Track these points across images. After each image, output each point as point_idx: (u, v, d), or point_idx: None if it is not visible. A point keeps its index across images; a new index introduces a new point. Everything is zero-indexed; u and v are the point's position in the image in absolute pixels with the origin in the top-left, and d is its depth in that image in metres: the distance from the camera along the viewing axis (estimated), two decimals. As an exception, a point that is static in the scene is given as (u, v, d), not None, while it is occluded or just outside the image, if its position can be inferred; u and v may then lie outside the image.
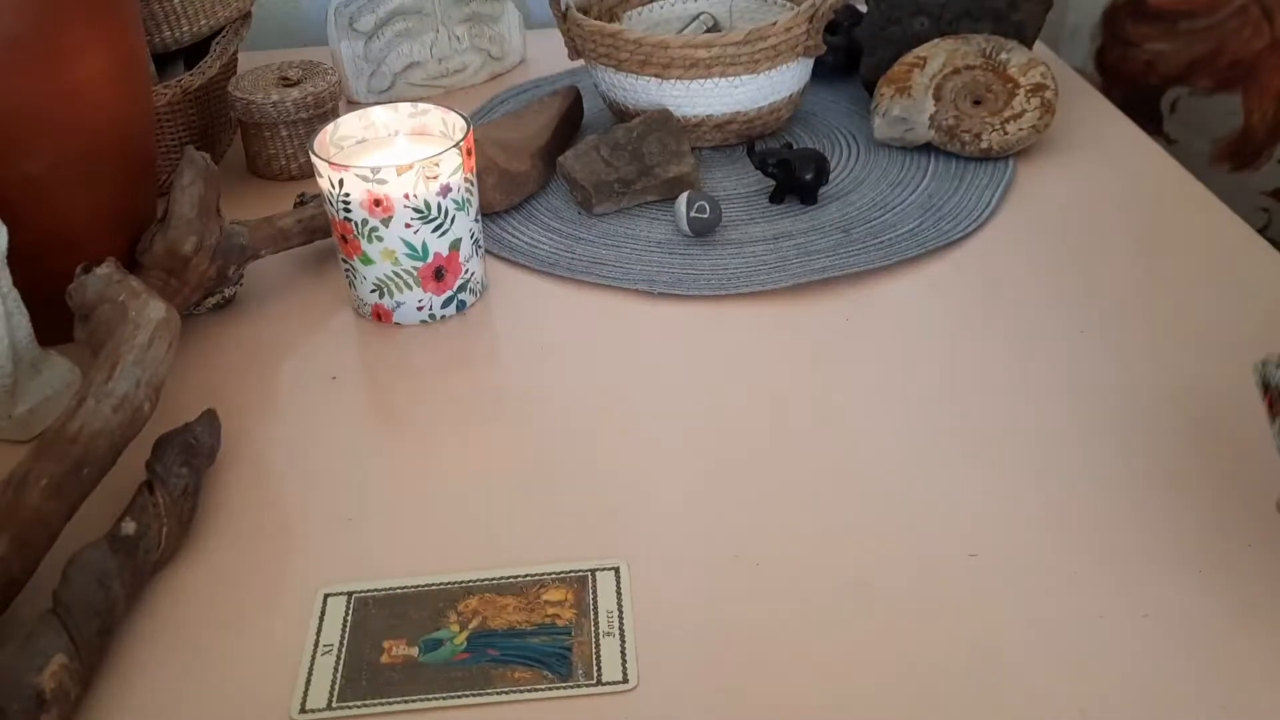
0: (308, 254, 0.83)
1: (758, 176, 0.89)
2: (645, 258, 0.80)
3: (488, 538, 0.58)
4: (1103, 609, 0.52)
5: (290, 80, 0.92)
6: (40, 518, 0.53)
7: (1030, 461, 0.61)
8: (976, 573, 0.54)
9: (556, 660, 0.51)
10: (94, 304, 0.63)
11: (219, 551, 0.58)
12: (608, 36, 0.89)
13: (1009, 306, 0.74)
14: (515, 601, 0.54)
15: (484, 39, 1.09)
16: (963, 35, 0.93)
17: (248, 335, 0.75)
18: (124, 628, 0.53)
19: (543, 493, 0.61)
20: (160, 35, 0.89)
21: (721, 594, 0.54)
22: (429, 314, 0.75)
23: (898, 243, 0.80)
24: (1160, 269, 0.76)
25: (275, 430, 0.66)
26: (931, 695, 0.48)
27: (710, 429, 0.65)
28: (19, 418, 0.65)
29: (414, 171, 0.69)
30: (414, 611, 0.54)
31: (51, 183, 0.66)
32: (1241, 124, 1.12)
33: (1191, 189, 0.86)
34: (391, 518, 0.60)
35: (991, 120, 0.89)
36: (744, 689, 0.49)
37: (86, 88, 0.65)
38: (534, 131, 0.91)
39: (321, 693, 0.50)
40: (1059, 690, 0.48)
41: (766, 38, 0.87)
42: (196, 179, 0.70)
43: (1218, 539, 0.55)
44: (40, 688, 0.46)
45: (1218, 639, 0.50)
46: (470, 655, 0.51)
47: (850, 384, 0.68)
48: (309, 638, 0.53)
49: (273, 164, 0.93)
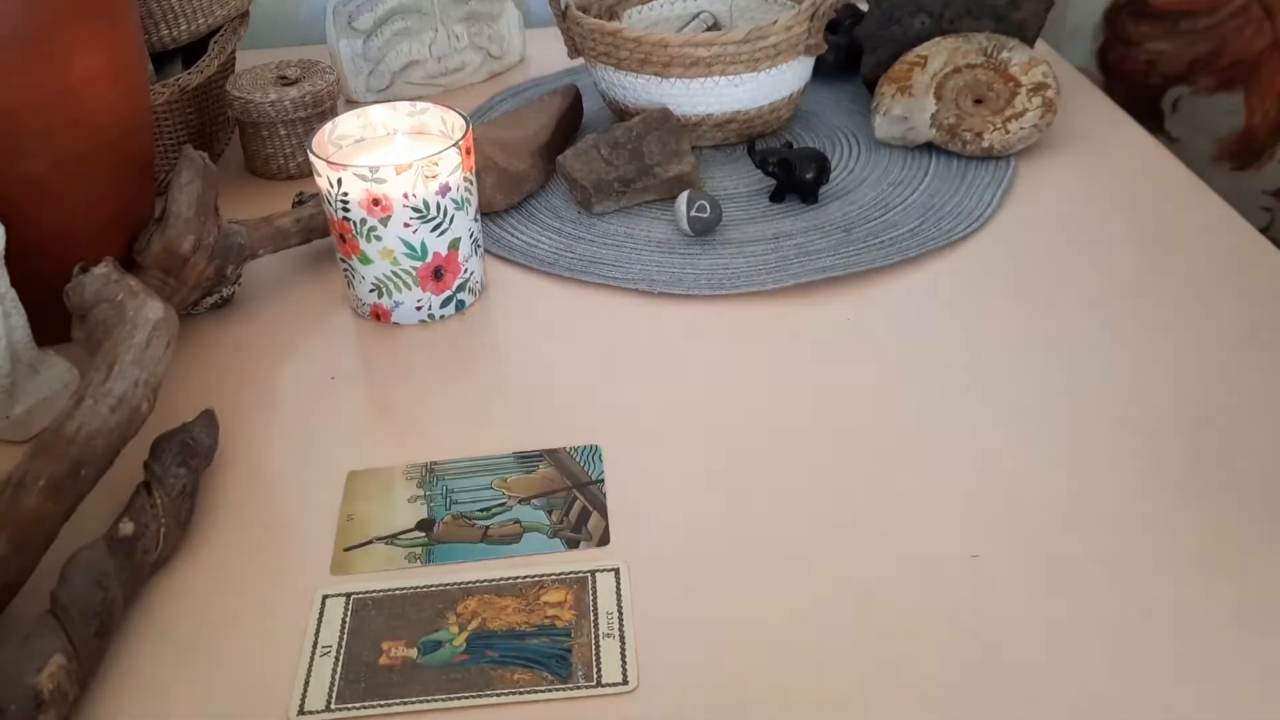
0: (306, 253, 0.83)
1: (758, 175, 0.89)
2: (645, 257, 0.80)
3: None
4: (1103, 609, 0.52)
5: (288, 79, 0.92)
6: (38, 518, 0.53)
7: (1030, 461, 0.61)
8: (977, 573, 0.54)
9: (556, 662, 0.51)
10: (92, 304, 0.63)
11: (217, 552, 0.58)
12: (607, 35, 0.89)
13: (1010, 306, 0.73)
14: (514, 603, 0.54)
15: (483, 38, 1.09)
16: (964, 34, 0.93)
17: (246, 335, 0.75)
18: (122, 628, 0.53)
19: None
20: (158, 34, 0.89)
21: (721, 594, 0.54)
22: (428, 314, 0.75)
23: (899, 242, 0.80)
24: (1162, 268, 0.76)
25: (273, 430, 0.66)
26: (932, 694, 0.48)
27: (710, 429, 0.64)
28: (16, 418, 0.65)
29: (413, 171, 0.69)
30: (413, 613, 0.53)
31: (49, 182, 0.66)
32: (1243, 123, 1.12)
33: (1193, 188, 0.85)
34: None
35: (993, 119, 0.89)
36: (744, 689, 0.49)
37: (84, 87, 0.65)
38: (533, 130, 0.91)
39: (320, 694, 0.50)
40: (1059, 690, 0.48)
41: (767, 36, 0.87)
42: (194, 178, 0.70)
43: (1218, 539, 0.55)
44: (38, 688, 0.46)
45: (1218, 639, 0.50)
46: (469, 656, 0.51)
47: (850, 384, 0.67)
48: (307, 639, 0.52)
49: (271, 163, 0.93)
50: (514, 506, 0.60)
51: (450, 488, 0.61)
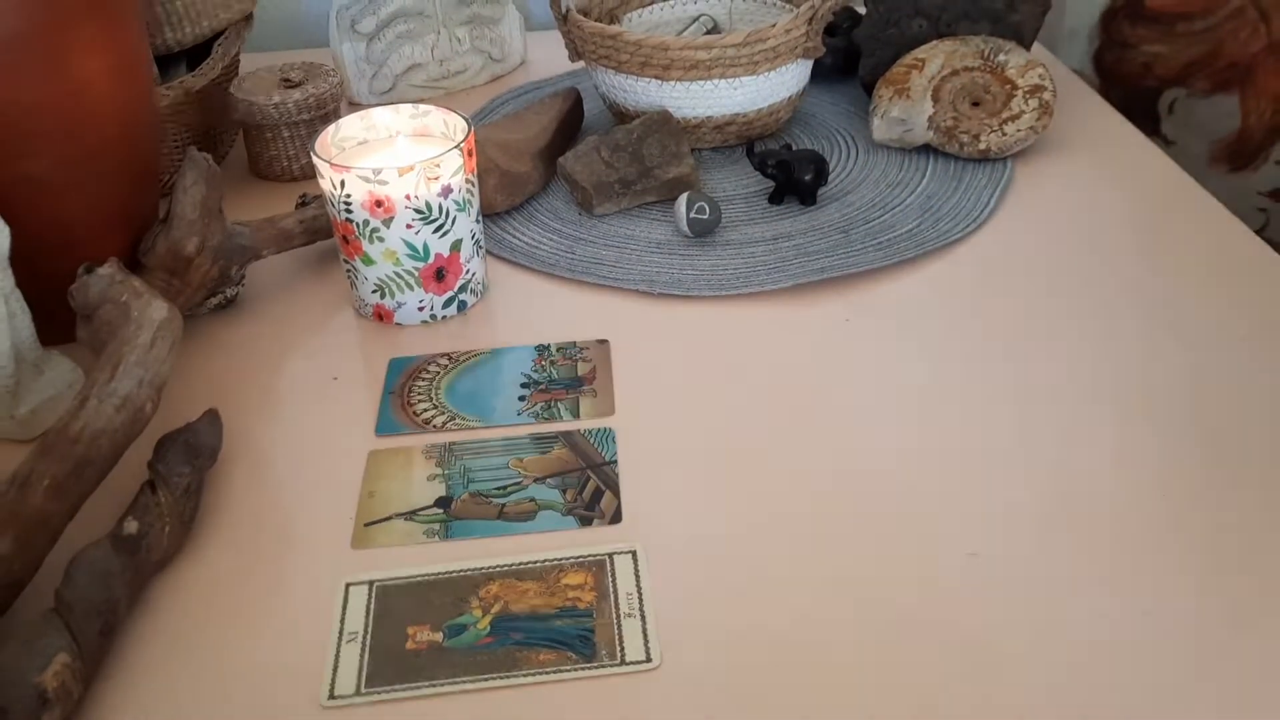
0: (309, 254, 0.83)
1: (757, 177, 0.90)
2: (645, 258, 0.80)
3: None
4: (1103, 608, 0.52)
5: (292, 82, 0.93)
6: (42, 517, 0.53)
7: (1030, 461, 0.61)
8: (977, 572, 0.54)
9: (580, 642, 0.52)
10: (96, 304, 0.63)
11: (221, 551, 0.58)
12: (608, 38, 0.89)
13: (1007, 307, 0.74)
14: (535, 586, 0.55)
15: (485, 41, 1.09)
16: (961, 37, 0.93)
17: (250, 335, 0.75)
18: (126, 627, 0.54)
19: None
20: (163, 37, 0.89)
21: (728, 591, 0.54)
22: (430, 314, 0.75)
23: (896, 243, 0.80)
24: (1158, 270, 0.77)
25: (277, 430, 0.67)
26: (933, 695, 0.49)
27: (710, 428, 0.65)
28: (21, 418, 0.65)
29: (415, 172, 0.69)
30: (436, 598, 0.54)
31: (54, 183, 0.66)
32: (1239, 125, 1.13)
33: (1189, 190, 0.86)
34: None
35: (990, 121, 0.89)
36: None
37: (89, 87, 0.66)
38: (535, 133, 0.91)
39: (350, 679, 0.50)
40: (1059, 690, 0.49)
41: (766, 39, 0.87)
42: (199, 180, 0.71)
43: (1218, 538, 0.56)
44: (43, 687, 0.46)
45: (1218, 639, 0.51)
46: (494, 639, 0.52)
47: (850, 384, 0.68)
48: (333, 626, 0.53)
49: (274, 165, 0.94)
50: (529, 485, 0.61)
51: (468, 466, 0.62)
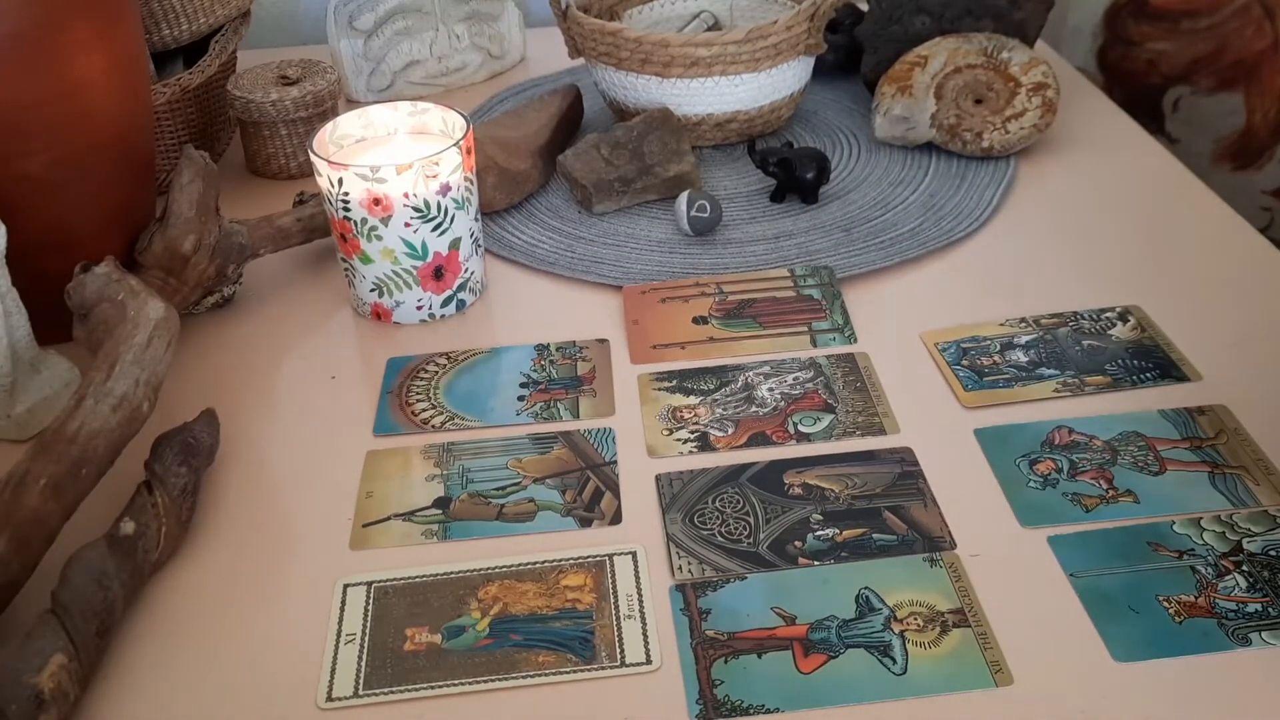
0: (307, 253, 0.83)
1: (758, 175, 0.89)
2: (645, 257, 0.80)
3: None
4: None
5: (289, 79, 0.92)
6: (39, 517, 0.53)
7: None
8: (976, 571, 0.54)
9: (579, 644, 0.51)
10: (93, 303, 0.63)
11: (218, 551, 0.58)
12: (608, 35, 0.89)
13: (1009, 306, 0.73)
14: (535, 587, 0.54)
15: (484, 37, 1.09)
16: (964, 34, 0.93)
17: (247, 334, 0.75)
18: (123, 627, 0.53)
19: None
20: (159, 34, 0.89)
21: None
22: (428, 313, 0.75)
23: (898, 242, 0.80)
24: (1162, 268, 0.76)
25: (274, 429, 0.66)
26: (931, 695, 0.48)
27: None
28: (18, 417, 0.65)
29: (413, 170, 0.69)
30: (434, 599, 0.54)
31: (50, 181, 0.66)
32: (1243, 123, 1.12)
33: (1193, 188, 0.85)
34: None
35: (993, 119, 0.89)
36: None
37: (85, 86, 0.65)
38: (534, 130, 0.91)
39: (348, 681, 0.50)
40: (1059, 690, 0.48)
41: (767, 36, 0.87)
42: (195, 178, 0.70)
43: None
44: (39, 688, 0.46)
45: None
46: (494, 641, 0.52)
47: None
48: (330, 627, 0.53)
49: (272, 163, 0.93)
50: (529, 486, 0.60)
51: (467, 467, 0.62)
